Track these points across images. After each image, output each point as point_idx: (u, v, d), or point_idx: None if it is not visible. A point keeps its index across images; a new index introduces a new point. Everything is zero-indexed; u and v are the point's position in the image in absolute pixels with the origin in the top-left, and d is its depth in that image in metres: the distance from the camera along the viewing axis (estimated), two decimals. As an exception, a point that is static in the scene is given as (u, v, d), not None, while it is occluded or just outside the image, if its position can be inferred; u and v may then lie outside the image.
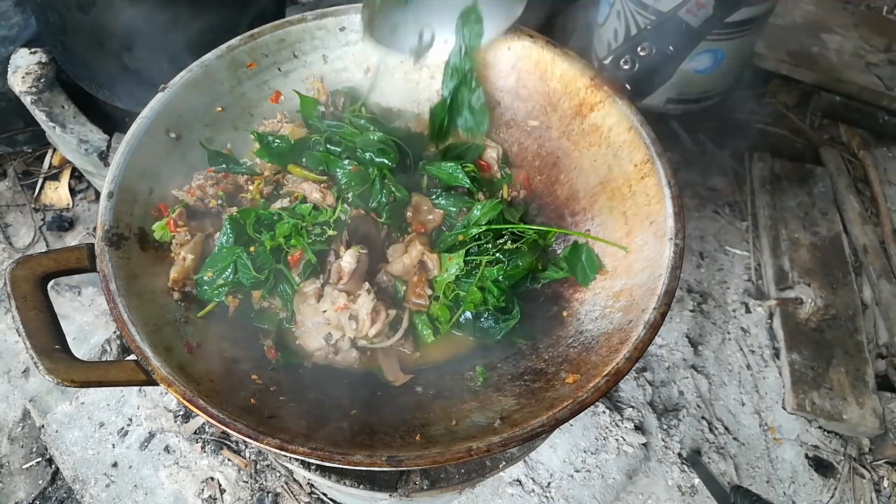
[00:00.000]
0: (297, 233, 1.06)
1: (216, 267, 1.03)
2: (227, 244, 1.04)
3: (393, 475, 1.17)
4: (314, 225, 1.08)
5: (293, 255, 1.06)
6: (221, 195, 1.12)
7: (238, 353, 1.01)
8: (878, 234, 2.31)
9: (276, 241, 1.05)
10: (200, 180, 1.12)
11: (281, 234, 1.06)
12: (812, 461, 1.92)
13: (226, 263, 1.03)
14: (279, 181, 1.17)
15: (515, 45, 1.19)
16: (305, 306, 1.04)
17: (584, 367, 0.92)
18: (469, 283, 1.09)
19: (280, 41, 1.20)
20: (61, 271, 0.95)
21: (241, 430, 0.81)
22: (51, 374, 0.83)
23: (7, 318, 2.10)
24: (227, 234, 1.05)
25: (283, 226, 1.06)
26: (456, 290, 1.09)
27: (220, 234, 1.05)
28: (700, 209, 2.40)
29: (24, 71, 1.86)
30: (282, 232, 1.06)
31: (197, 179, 1.12)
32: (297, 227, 1.06)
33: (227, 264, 1.03)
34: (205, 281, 1.03)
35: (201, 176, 1.13)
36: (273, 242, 1.05)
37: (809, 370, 1.99)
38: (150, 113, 1.07)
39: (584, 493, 1.76)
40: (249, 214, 1.07)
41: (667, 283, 0.92)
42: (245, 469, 1.75)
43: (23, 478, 1.83)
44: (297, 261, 1.06)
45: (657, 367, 2.03)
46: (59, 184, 2.38)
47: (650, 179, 1.02)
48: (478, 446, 0.80)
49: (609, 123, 1.10)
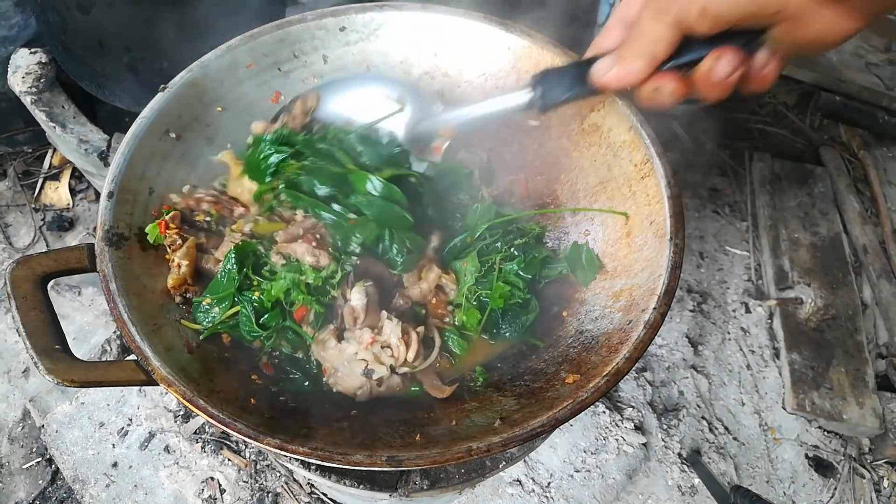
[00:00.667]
0: (296, 288, 0.98)
1: (216, 295, 0.98)
2: (229, 272, 0.99)
3: (393, 475, 1.17)
4: (319, 279, 1.00)
5: (298, 310, 0.99)
6: (214, 214, 1.09)
7: (238, 353, 1.01)
8: (878, 234, 2.31)
9: (276, 296, 0.98)
10: (201, 194, 1.10)
11: (279, 291, 0.98)
12: (812, 461, 1.92)
13: (225, 294, 0.98)
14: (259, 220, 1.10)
15: (515, 45, 1.19)
16: (327, 352, 0.99)
17: (584, 367, 0.92)
18: (488, 283, 1.07)
19: (280, 41, 1.20)
20: (61, 271, 0.95)
21: (241, 430, 0.81)
22: (51, 374, 0.83)
23: (7, 318, 2.10)
24: (231, 262, 0.99)
25: (278, 283, 0.98)
26: (478, 292, 1.07)
27: (223, 261, 1.00)
28: (700, 209, 2.40)
29: (25, 71, 1.86)
30: (279, 290, 0.98)
31: (198, 192, 1.11)
32: (295, 282, 0.98)
33: (226, 295, 0.98)
34: (202, 307, 0.99)
35: (202, 191, 1.11)
36: (272, 297, 0.98)
37: (809, 370, 1.99)
38: (150, 113, 1.07)
39: (584, 493, 1.76)
40: (250, 248, 1.01)
41: (667, 282, 0.92)
42: (245, 469, 1.75)
43: (23, 478, 1.83)
44: (303, 314, 0.99)
45: (657, 367, 2.03)
46: (59, 184, 2.38)
47: (650, 179, 1.02)
48: (478, 446, 0.80)
49: (609, 123, 1.10)
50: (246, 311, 0.98)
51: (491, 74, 1.24)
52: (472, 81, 1.26)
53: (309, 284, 0.99)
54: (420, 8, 1.22)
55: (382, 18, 1.23)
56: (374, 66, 1.27)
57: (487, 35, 1.21)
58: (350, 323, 1.00)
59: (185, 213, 1.09)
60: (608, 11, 2.28)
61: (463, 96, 1.27)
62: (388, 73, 1.28)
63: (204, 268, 1.05)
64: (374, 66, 1.27)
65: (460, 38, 1.22)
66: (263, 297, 0.99)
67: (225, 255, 1.01)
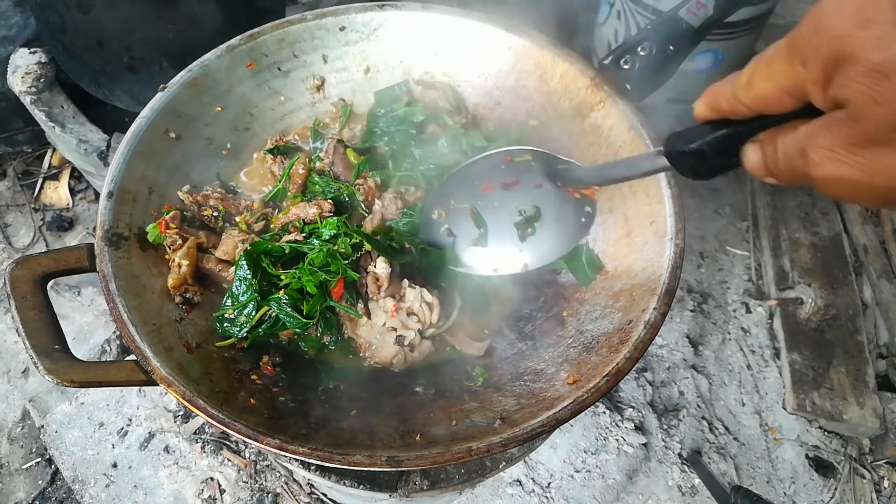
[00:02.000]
0: (332, 258, 1.01)
1: (237, 304, 0.99)
2: (245, 278, 1.00)
3: (393, 475, 1.17)
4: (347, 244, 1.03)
5: (336, 287, 1.01)
6: (221, 210, 1.11)
7: (238, 353, 1.01)
8: (878, 234, 2.30)
9: (318, 277, 1.00)
10: (208, 191, 1.12)
11: (318, 262, 1.01)
12: (812, 461, 1.92)
13: (249, 300, 0.99)
14: (267, 214, 1.14)
15: (515, 45, 1.19)
16: (361, 328, 1.04)
17: (584, 367, 0.91)
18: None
19: (280, 41, 1.20)
20: (61, 271, 0.95)
21: (240, 431, 0.81)
22: (50, 374, 0.83)
23: (7, 318, 2.10)
24: (244, 268, 1.00)
25: (316, 254, 1.01)
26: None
27: (235, 269, 1.01)
28: (700, 209, 2.40)
29: (24, 71, 1.86)
30: (318, 260, 1.01)
31: (206, 189, 1.12)
32: (332, 253, 1.01)
33: (249, 300, 0.99)
34: (225, 318, 1.00)
35: (210, 188, 1.13)
36: (314, 278, 1.00)
37: (810, 370, 1.99)
38: (149, 113, 1.07)
39: (584, 494, 1.75)
40: (261, 248, 1.02)
41: (667, 282, 0.92)
42: (245, 469, 1.75)
43: (22, 478, 1.83)
44: (341, 291, 1.02)
45: (657, 368, 2.03)
46: (59, 184, 2.38)
47: (650, 179, 1.02)
48: (478, 446, 0.80)
49: (609, 123, 1.09)
50: (286, 310, 0.99)
51: (491, 74, 1.24)
52: (471, 81, 1.26)
53: (340, 253, 1.03)
54: (420, 8, 1.22)
55: (382, 18, 1.23)
56: (374, 65, 1.27)
57: (487, 35, 1.21)
58: (374, 291, 1.03)
59: (185, 213, 1.09)
60: (608, 11, 2.28)
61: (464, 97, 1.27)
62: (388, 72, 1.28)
63: (204, 268, 1.05)
64: (374, 66, 1.27)
65: (460, 38, 1.22)
66: (294, 286, 1.01)
67: (235, 260, 1.03)
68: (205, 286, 1.05)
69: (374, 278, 1.03)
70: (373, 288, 1.03)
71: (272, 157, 1.20)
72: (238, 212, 1.15)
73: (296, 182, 1.17)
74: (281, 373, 1.00)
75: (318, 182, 1.16)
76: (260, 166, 1.23)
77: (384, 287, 1.03)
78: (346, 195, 1.14)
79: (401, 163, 1.19)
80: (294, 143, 1.24)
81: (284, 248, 1.03)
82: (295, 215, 1.09)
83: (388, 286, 1.03)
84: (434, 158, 1.18)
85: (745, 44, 2.23)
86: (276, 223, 1.12)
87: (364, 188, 1.14)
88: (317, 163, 1.20)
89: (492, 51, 1.21)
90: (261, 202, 1.16)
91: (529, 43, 1.18)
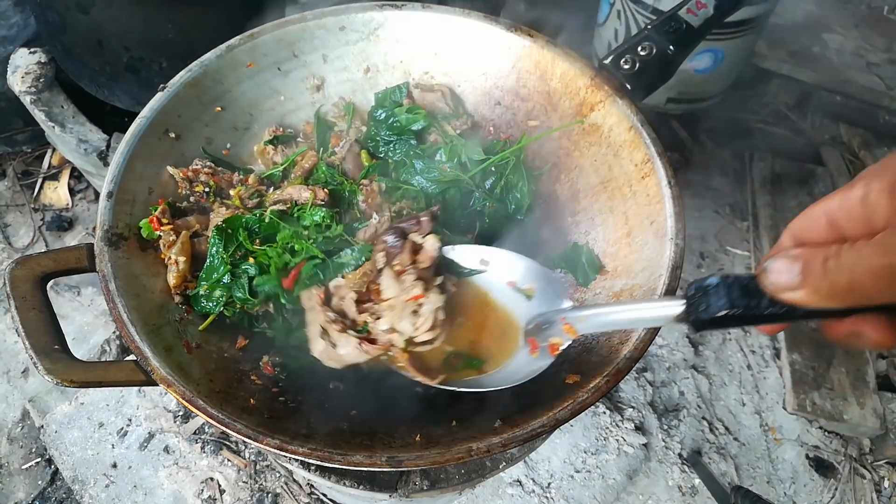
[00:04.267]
0: (298, 238, 1.02)
1: (210, 280, 1.01)
2: (217, 254, 1.01)
3: (393, 475, 1.17)
4: (320, 236, 1.03)
5: (290, 275, 1.00)
6: (212, 185, 1.11)
7: (238, 353, 1.01)
8: (878, 234, 2.30)
9: (284, 259, 1.01)
10: (198, 165, 1.12)
11: (283, 241, 1.01)
12: (813, 461, 1.92)
13: (220, 275, 1.00)
14: (262, 192, 1.15)
15: (515, 45, 1.19)
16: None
17: (584, 367, 0.91)
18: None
19: (279, 41, 1.20)
20: (61, 271, 0.95)
21: (240, 431, 0.81)
22: (50, 374, 0.83)
23: (6, 319, 2.10)
24: (216, 244, 1.01)
25: (283, 233, 1.01)
26: None
27: (209, 245, 1.02)
28: (700, 209, 2.40)
29: (24, 70, 1.86)
30: (283, 239, 1.01)
31: (196, 164, 1.12)
32: (298, 234, 1.02)
33: (221, 276, 1.00)
34: (201, 295, 1.01)
35: (200, 162, 1.13)
36: (279, 260, 1.00)
37: (810, 370, 1.99)
38: (149, 113, 1.07)
39: (584, 494, 1.75)
40: (237, 222, 1.04)
41: (667, 283, 0.92)
42: (245, 469, 1.75)
43: (22, 478, 1.83)
44: (292, 281, 1.00)
45: (658, 368, 2.03)
46: (59, 184, 2.38)
47: (650, 179, 1.01)
48: (478, 447, 0.80)
49: (609, 123, 1.09)
50: (238, 280, 1.00)
51: (491, 74, 1.24)
52: (471, 81, 1.26)
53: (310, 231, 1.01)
54: (420, 8, 1.22)
55: (382, 18, 1.23)
56: (374, 65, 1.27)
57: (487, 35, 1.20)
58: (405, 263, 0.92)
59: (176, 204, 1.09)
60: (608, 11, 2.28)
61: (464, 97, 1.27)
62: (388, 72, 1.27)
63: (200, 251, 1.05)
64: (374, 66, 1.27)
65: (460, 38, 1.22)
66: (271, 264, 1.00)
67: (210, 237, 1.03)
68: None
69: (414, 250, 0.91)
70: (406, 259, 0.90)
71: (272, 148, 1.21)
72: (231, 185, 1.15)
73: (302, 168, 1.17)
74: (280, 373, 1.00)
75: (324, 171, 1.16)
76: (261, 158, 1.23)
77: (423, 265, 0.90)
78: (346, 191, 1.14)
79: (401, 174, 1.19)
80: (292, 133, 1.24)
81: (262, 217, 1.04)
82: (289, 195, 1.09)
83: (425, 269, 0.90)
84: (434, 173, 1.17)
85: (745, 44, 2.23)
86: (269, 199, 1.12)
87: (367, 189, 1.13)
88: (329, 157, 1.20)
89: (492, 51, 1.21)
90: (256, 179, 1.17)
91: (529, 43, 1.18)
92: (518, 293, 0.98)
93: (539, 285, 0.98)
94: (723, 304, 0.60)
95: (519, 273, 0.99)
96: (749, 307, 0.59)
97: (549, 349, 0.89)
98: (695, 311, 0.63)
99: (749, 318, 0.60)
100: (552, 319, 0.90)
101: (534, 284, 0.98)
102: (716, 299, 0.61)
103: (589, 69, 1.12)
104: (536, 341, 0.91)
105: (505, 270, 0.99)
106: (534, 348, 0.91)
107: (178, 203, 1.10)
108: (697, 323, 0.64)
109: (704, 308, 0.62)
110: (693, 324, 0.65)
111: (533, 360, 0.91)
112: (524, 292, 0.98)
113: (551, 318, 0.90)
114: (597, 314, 0.83)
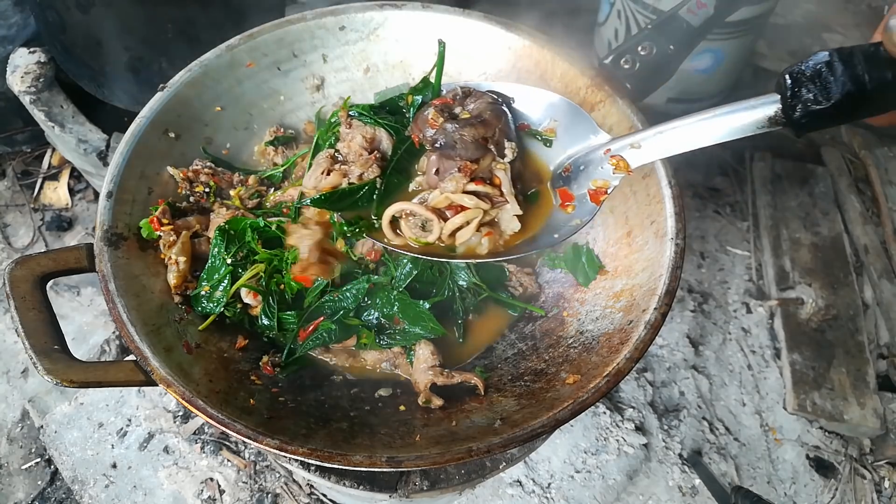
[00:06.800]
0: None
1: (212, 280, 1.01)
2: (218, 255, 1.02)
3: (393, 476, 1.17)
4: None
5: (307, 329, 1.02)
6: (212, 185, 1.11)
7: (238, 353, 1.00)
8: (879, 234, 2.30)
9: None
10: (198, 166, 1.12)
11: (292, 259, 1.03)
12: (813, 462, 1.92)
13: (221, 276, 1.01)
14: (262, 192, 1.15)
15: (515, 45, 1.19)
16: None
17: (584, 367, 0.91)
18: None
19: (279, 40, 1.20)
20: (60, 271, 0.95)
21: (240, 431, 0.80)
22: (50, 374, 0.83)
23: (6, 318, 2.09)
24: (218, 245, 1.02)
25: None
26: None
27: (211, 247, 1.03)
28: (701, 209, 2.40)
29: (23, 70, 1.86)
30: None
31: (196, 164, 1.12)
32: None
33: (222, 276, 1.01)
34: (202, 296, 1.01)
35: (200, 162, 1.13)
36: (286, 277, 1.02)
37: (810, 370, 1.99)
38: (149, 113, 1.07)
39: (584, 494, 1.75)
40: (239, 224, 1.04)
41: (667, 283, 0.92)
42: (244, 470, 1.75)
43: (22, 478, 1.83)
44: (308, 334, 1.02)
45: (658, 368, 2.03)
46: (59, 184, 2.38)
47: (651, 179, 1.01)
48: (478, 447, 0.80)
49: (609, 123, 1.09)
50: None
51: (491, 74, 1.23)
52: (472, 81, 1.26)
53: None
54: (420, 7, 1.22)
55: (382, 18, 1.22)
56: (374, 65, 1.27)
57: (487, 34, 1.20)
58: (505, 182, 0.85)
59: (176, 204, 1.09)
60: (608, 11, 2.28)
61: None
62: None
63: (200, 252, 1.05)
64: (374, 66, 1.27)
65: (460, 38, 1.22)
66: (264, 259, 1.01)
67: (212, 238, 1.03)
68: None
69: (491, 166, 0.81)
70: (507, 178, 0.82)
71: (273, 149, 1.21)
72: (231, 185, 1.15)
73: (303, 168, 1.17)
74: (280, 373, 1.00)
75: None
76: (261, 159, 1.23)
77: (505, 188, 0.81)
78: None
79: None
80: (292, 133, 1.24)
81: (268, 224, 1.04)
82: (291, 196, 1.09)
83: (507, 191, 0.82)
84: None
85: (745, 43, 2.23)
86: (270, 200, 1.12)
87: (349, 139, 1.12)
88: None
89: (492, 50, 1.21)
90: (256, 179, 1.17)
91: (529, 43, 1.18)
92: (532, 138, 0.76)
93: (562, 122, 0.76)
94: (844, 82, 0.46)
95: (531, 110, 0.76)
96: (884, 82, 0.45)
97: (590, 196, 0.71)
98: (800, 104, 0.48)
99: (877, 102, 0.47)
100: (590, 159, 0.71)
101: (552, 123, 0.77)
102: (832, 80, 0.47)
103: (589, 69, 1.12)
104: (569, 191, 0.74)
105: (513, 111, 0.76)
106: (566, 200, 0.74)
107: (178, 203, 1.10)
108: (805, 118, 0.49)
109: (815, 95, 0.47)
110: (797, 122, 0.50)
111: (568, 216, 0.74)
112: (541, 135, 0.77)
113: (589, 156, 0.71)
114: (662, 132, 0.61)
